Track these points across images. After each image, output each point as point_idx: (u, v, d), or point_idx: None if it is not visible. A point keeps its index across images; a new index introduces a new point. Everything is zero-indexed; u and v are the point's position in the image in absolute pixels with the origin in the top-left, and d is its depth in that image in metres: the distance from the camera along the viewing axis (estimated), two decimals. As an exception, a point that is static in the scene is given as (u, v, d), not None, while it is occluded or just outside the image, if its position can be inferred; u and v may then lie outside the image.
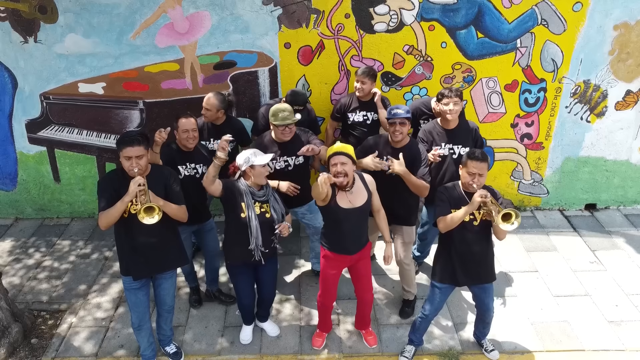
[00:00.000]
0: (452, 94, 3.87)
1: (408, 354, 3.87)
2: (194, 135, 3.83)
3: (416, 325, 3.83)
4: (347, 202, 3.43)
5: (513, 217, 3.06)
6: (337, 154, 3.35)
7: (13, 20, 4.75)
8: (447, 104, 3.90)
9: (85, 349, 4.03)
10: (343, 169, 3.32)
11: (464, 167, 3.34)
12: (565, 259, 4.95)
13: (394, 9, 4.72)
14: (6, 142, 5.32)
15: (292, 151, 3.98)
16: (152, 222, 3.06)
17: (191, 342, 4.08)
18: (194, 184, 3.88)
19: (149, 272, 3.47)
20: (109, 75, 4.96)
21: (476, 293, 3.65)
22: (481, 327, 3.87)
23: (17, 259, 5.07)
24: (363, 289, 3.80)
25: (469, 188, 3.33)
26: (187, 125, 3.78)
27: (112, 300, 4.51)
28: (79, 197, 5.60)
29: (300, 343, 4.05)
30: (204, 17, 4.73)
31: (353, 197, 3.44)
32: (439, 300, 3.65)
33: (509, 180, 5.57)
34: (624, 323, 4.20)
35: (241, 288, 3.84)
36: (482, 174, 3.27)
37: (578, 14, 4.76)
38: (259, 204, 3.54)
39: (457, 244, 3.43)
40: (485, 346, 3.92)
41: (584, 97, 5.15)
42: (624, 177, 5.58)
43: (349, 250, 3.59)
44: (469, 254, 3.44)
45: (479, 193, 3.19)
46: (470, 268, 3.47)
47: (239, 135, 4.48)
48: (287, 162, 4.00)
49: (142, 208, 3.03)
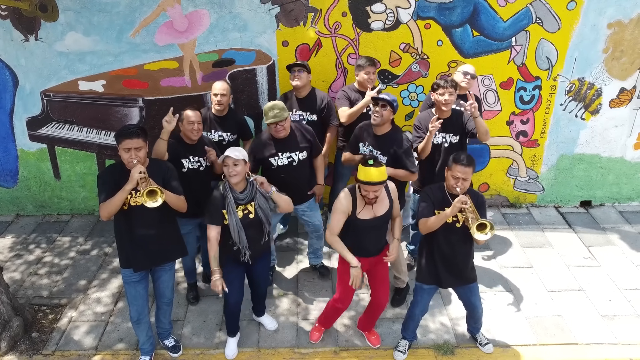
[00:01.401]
0: (448, 84, 3.93)
1: (402, 348, 3.92)
2: (199, 127, 3.88)
3: (406, 324, 3.89)
4: (370, 214, 3.45)
5: (487, 228, 3.12)
6: (375, 184, 3.25)
7: (14, 19, 4.81)
8: (442, 94, 3.95)
9: (85, 342, 4.09)
10: (376, 195, 3.31)
11: (449, 170, 3.36)
12: (560, 255, 5.00)
13: (391, 7, 4.78)
14: (7, 140, 5.37)
15: (292, 146, 4.03)
16: (155, 205, 3.13)
17: (190, 336, 4.13)
18: (198, 177, 3.94)
19: (149, 264, 3.52)
20: (108, 73, 5.02)
21: (460, 293, 3.71)
22: (472, 322, 3.93)
23: (18, 254, 5.13)
24: (382, 293, 3.77)
25: (453, 191, 3.37)
26: (193, 117, 3.83)
27: (112, 295, 4.56)
28: (79, 194, 5.66)
29: (298, 337, 4.11)
30: (203, 16, 4.79)
31: (376, 207, 3.44)
32: (424, 300, 3.71)
33: (505, 177, 5.62)
34: (617, 317, 4.25)
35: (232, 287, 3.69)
36: (466, 178, 3.31)
37: (572, 12, 4.82)
38: (242, 206, 3.51)
39: (439, 245, 3.47)
40: (480, 340, 3.98)
41: (579, 94, 5.20)
42: (618, 174, 5.64)
43: (369, 251, 3.60)
44: (451, 256, 3.48)
45: (459, 199, 3.21)
46: (453, 270, 3.52)
47: (241, 128, 4.55)
48: (291, 157, 4.05)
49: (144, 191, 3.09)
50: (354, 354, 3.97)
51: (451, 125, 4.10)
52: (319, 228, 4.43)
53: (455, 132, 4.10)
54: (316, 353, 3.98)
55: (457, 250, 3.47)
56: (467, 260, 3.54)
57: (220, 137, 4.41)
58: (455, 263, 3.51)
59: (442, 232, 3.40)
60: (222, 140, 4.42)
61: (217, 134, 4.39)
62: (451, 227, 3.40)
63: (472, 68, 4.47)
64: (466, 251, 3.51)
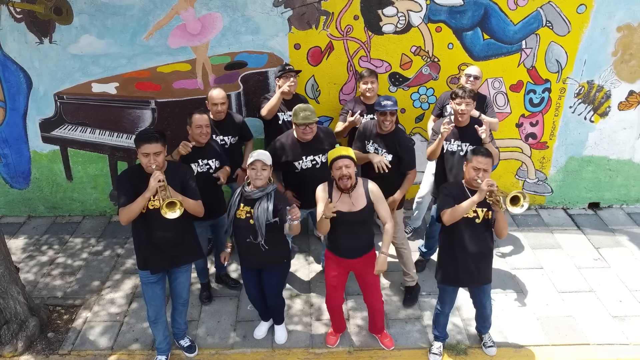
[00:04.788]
0: (466, 94, 3.97)
1: (437, 351, 3.94)
2: (207, 130, 3.93)
3: (435, 321, 3.91)
4: (345, 206, 3.48)
5: (521, 199, 3.14)
6: (342, 157, 3.41)
7: (29, 22, 4.86)
8: (459, 103, 4.00)
9: (101, 342, 4.12)
10: (348, 171, 3.39)
11: (469, 163, 3.40)
12: (569, 256, 5.04)
13: (402, 10, 4.82)
14: (20, 141, 5.41)
15: (317, 149, 4.07)
16: (174, 217, 3.15)
17: (204, 336, 4.16)
18: (207, 180, 3.98)
19: (166, 266, 3.56)
20: (122, 75, 5.06)
21: (474, 292, 3.74)
22: (481, 321, 3.95)
23: (31, 256, 5.16)
24: (370, 297, 3.83)
25: (473, 184, 3.39)
26: (200, 120, 3.88)
27: (126, 296, 4.59)
28: (91, 195, 5.69)
29: (311, 337, 4.14)
30: (216, 19, 4.83)
31: (352, 202, 3.49)
32: (449, 296, 3.75)
33: (514, 179, 5.66)
34: (628, 318, 4.28)
35: (246, 287, 3.92)
36: (486, 169, 3.35)
37: (582, 15, 4.86)
38: (247, 207, 3.51)
39: (459, 243, 3.48)
40: (485, 341, 3.99)
41: (588, 97, 5.24)
42: (626, 176, 5.67)
43: (347, 253, 3.62)
44: (470, 254, 3.48)
45: (486, 181, 3.24)
46: (471, 269, 3.53)
47: (241, 130, 4.60)
48: (315, 160, 4.08)
49: (164, 204, 3.12)
50: (368, 354, 4.00)
51: (468, 135, 4.13)
52: None
53: (472, 142, 4.14)
54: (330, 353, 4.01)
55: (480, 246, 3.48)
56: (489, 258, 3.57)
57: (222, 141, 4.46)
58: (478, 260, 3.51)
59: (464, 229, 3.43)
60: (225, 144, 4.47)
61: (218, 139, 4.43)
62: (472, 223, 3.42)
63: (476, 69, 4.54)
64: (488, 247, 3.52)
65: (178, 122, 5.09)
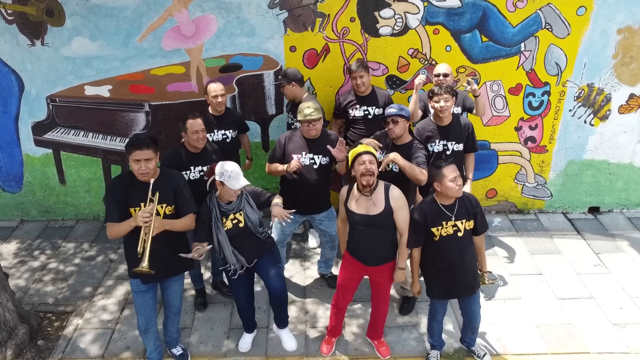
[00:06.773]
0: (442, 90, 3.91)
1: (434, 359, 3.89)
2: (204, 135, 3.86)
3: (430, 330, 3.85)
4: (361, 208, 3.42)
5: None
6: (366, 153, 3.35)
7: (20, 23, 4.78)
8: (437, 101, 3.94)
9: (92, 350, 4.05)
10: (371, 167, 3.32)
11: (442, 179, 3.29)
12: (569, 262, 4.96)
13: (399, 12, 4.75)
14: (12, 145, 5.34)
15: (318, 150, 4.00)
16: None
17: (197, 344, 4.09)
18: (201, 186, 3.90)
19: (157, 276, 3.48)
20: (115, 78, 4.99)
21: (466, 302, 3.66)
22: (470, 332, 3.86)
23: (23, 261, 5.09)
24: (379, 299, 3.77)
25: (456, 194, 3.33)
26: (196, 125, 3.80)
27: (118, 303, 4.52)
28: (84, 199, 5.62)
29: (306, 345, 4.07)
30: (210, 21, 4.76)
31: (369, 205, 3.41)
32: (441, 307, 3.70)
33: (513, 183, 5.59)
34: (629, 325, 4.21)
35: (235, 290, 3.78)
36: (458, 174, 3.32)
37: (582, 17, 4.79)
38: (232, 215, 3.49)
39: (447, 259, 3.43)
40: (477, 352, 3.91)
41: (588, 100, 5.17)
42: (627, 180, 5.60)
43: (363, 258, 3.56)
44: (458, 267, 3.44)
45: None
46: (461, 280, 3.48)
47: (239, 125, 4.58)
48: (313, 159, 4.02)
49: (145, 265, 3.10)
50: (364, 362, 3.94)
51: (453, 133, 4.06)
52: (335, 238, 4.39)
53: (458, 139, 4.05)
54: (325, 362, 3.94)
55: (466, 257, 3.45)
56: (469, 270, 3.50)
57: (224, 135, 4.42)
58: (467, 270, 3.47)
59: (449, 245, 3.38)
60: (226, 138, 4.44)
61: (220, 133, 4.40)
62: (455, 237, 3.38)
63: (445, 67, 4.50)
64: (468, 260, 3.47)
65: (172, 125, 5.02)
